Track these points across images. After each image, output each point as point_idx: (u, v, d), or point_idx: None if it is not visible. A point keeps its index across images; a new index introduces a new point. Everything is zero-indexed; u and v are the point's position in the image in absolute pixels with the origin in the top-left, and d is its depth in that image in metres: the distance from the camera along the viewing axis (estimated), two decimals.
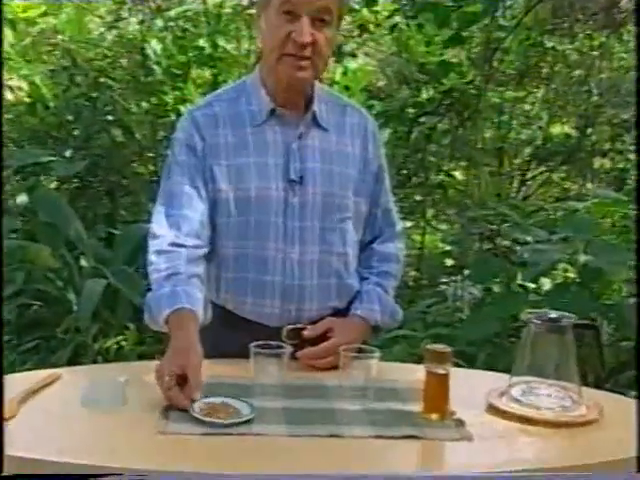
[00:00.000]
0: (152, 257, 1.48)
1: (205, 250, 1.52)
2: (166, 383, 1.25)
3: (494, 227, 3.76)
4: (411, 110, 4.64)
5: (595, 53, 4.52)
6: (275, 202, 1.53)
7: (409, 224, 4.85)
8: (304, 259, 1.53)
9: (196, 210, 1.53)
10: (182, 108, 4.36)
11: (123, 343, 3.35)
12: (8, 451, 1.06)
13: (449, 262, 4.91)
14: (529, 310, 1.34)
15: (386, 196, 1.68)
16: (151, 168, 4.59)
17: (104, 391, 1.28)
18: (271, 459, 1.11)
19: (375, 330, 1.61)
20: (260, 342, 1.33)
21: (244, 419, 1.20)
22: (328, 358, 1.46)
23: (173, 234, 1.49)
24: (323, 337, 1.51)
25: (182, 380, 1.27)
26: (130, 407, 1.26)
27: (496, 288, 3.65)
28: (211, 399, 1.27)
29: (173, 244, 1.48)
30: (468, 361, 2.79)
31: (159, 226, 1.51)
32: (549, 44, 4.32)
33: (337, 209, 1.56)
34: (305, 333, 1.50)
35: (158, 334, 1.51)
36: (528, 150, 5.07)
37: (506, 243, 3.82)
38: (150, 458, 1.09)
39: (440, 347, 1.26)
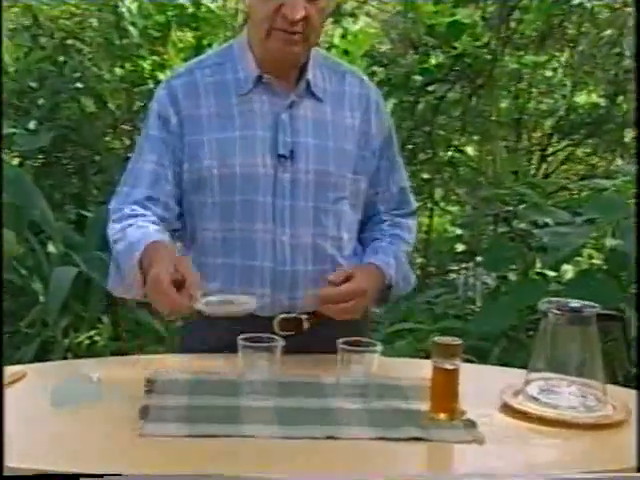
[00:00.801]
0: (110, 229, 1.52)
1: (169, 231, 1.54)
2: (164, 288, 1.28)
3: (510, 208, 3.76)
4: (418, 78, 4.64)
5: (628, 10, 4.47)
6: (263, 180, 1.53)
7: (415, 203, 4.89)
8: (296, 243, 1.54)
9: (161, 192, 1.54)
10: (161, 75, 4.34)
11: (96, 338, 3.37)
12: None
13: (460, 247, 4.92)
14: (548, 299, 1.35)
15: (399, 172, 1.70)
16: (127, 142, 4.58)
17: (76, 390, 1.29)
18: (261, 463, 1.13)
19: (383, 298, 1.63)
20: (249, 335, 1.34)
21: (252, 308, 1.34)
22: (349, 302, 1.48)
23: (133, 214, 1.52)
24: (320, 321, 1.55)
25: (177, 286, 1.30)
26: (104, 407, 1.28)
27: (512, 276, 3.66)
28: (210, 298, 1.33)
29: (131, 216, 1.51)
30: (480, 357, 2.82)
31: (118, 208, 1.54)
32: (575, 0, 4.28)
33: (332, 188, 1.57)
34: (330, 278, 1.50)
35: (135, 329, 1.52)
36: (549, 122, 5.06)
37: (523, 226, 3.83)
38: (128, 463, 1.10)
39: (449, 340, 1.28)
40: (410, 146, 4.88)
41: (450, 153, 5.11)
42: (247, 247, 1.54)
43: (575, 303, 1.33)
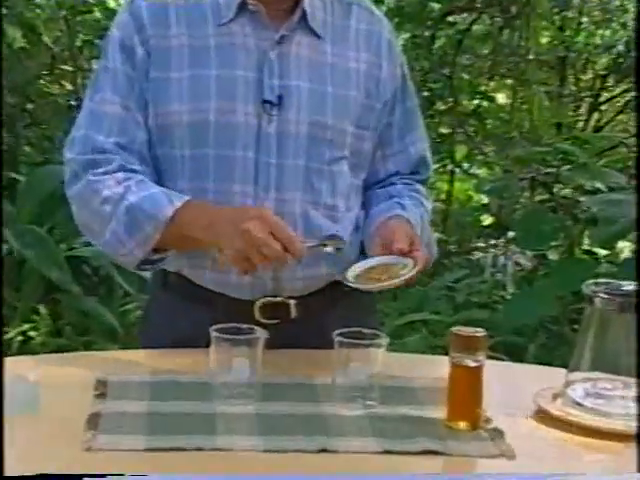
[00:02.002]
0: (85, 184, 1.54)
1: None
2: (273, 250, 1.39)
3: (551, 170, 3.78)
4: (435, 6, 4.62)
5: None
6: (243, 131, 1.54)
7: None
8: (282, 210, 1.56)
9: (132, 139, 1.56)
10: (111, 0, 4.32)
11: (31, 334, 3.39)
12: None
13: (487, 220, 4.95)
14: (594, 281, 1.37)
15: (417, 129, 1.72)
16: (68, 87, 4.58)
17: (11, 395, 1.31)
18: None
19: None
20: (224, 324, 1.36)
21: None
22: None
23: (102, 169, 1.54)
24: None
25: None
26: (44, 415, 1.29)
27: (553, 255, 3.70)
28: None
29: (123, 168, 1.54)
30: (513, 355, 2.86)
31: (89, 160, 1.55)
32: None
33: (328, 144, 1.59)
34: (397, 247, 1.51)
35: (81, 323, 1.55)
36: (603, 60, 5.06)
37: (567, 192, 3.86)
38: None
39: (471, 331, 1.30)
40: (425, 93, 4.89)
41: (476, 102, 5.12)
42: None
43: (628, 285, 1.35)
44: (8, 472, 1.12)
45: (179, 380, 1.44)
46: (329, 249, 1.53)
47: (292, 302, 1.59)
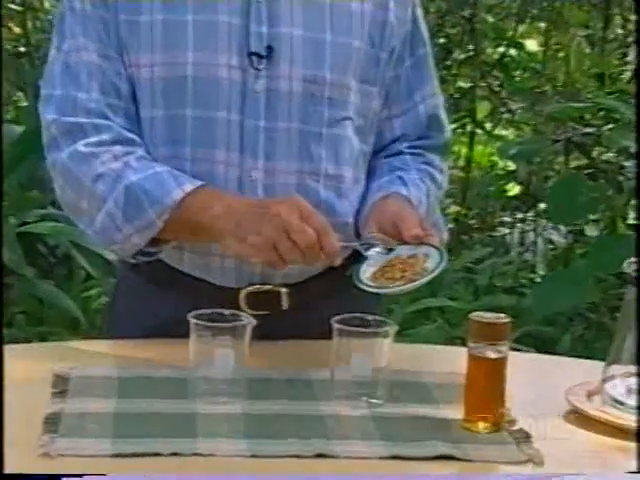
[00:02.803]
0: (74, 153, 1.54)
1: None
2: (307, 238, 1.41)
3: (590, 130, 3.79)
4: None
5: None
6: (226, 88, 1.55)
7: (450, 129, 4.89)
8: (273, 182, 1.57)
9: (118, 96, 1.57)
10: None
11: None
12: None
13: (513, 190, 4.94)
14: (636, 259, 1.37)
15: (429, 83, 1.73)
16: (16, 30, 4.56)
17: None
18: None
19: None
20: (205, 311, 1.38)
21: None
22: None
23: (95, 139, 1.54)
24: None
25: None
26: None
27: (591, 230, 3.70)
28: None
29: (95, 144, 1.54)
30: (543, 348, 2.87)
31: (57, 117, 1.55)
32: None
33: (329, 103, 1.59)
34: (412, 234, 1.51)
35: (36, 311, 1.56)
36: None
37: (610, 156, 3.86)
38: None
39: (493, 317, 1.31)
40: (441, 40, 4.88)
41: (501, 49, 5.10)
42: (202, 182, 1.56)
43: None
44: None
45: (152, 375, 1.46)
46: (373, 252, 1.51)
47: (284, 290, 1.61)
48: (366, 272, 1.49)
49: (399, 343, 1.43)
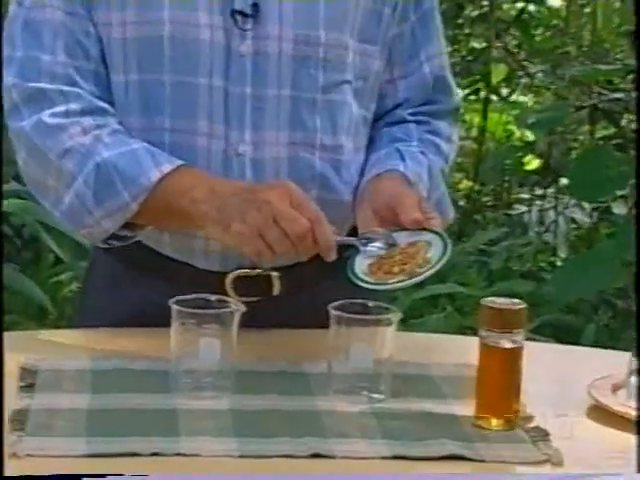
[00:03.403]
0: (35, 124, 1.54)
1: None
2: (298, 226, 1.41)
3: (619, 96, 3.79)
4: None
5: None
6: (208, 50, 1.55)
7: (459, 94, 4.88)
8: (262, 156, 1.58)
9: (86, 58, 1.56)
10: None
11: None
12: None
13: (532, 163, 4.93)
14: None
15: (435, 42, 1.73)
16: None
17: None
18: None
19: None
20: (188, 296, 1.39)
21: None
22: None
23: (62, 108, 1.54)
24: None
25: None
26: None
27: (618, 208, 3.70)
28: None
29: (62, 115, 1.54)
30: (566, 338, 2.88)
31: (18, 81, 1.55)
32: None
33: (323, 66, 1.59)
34: (410, 218, 1.49)
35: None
36: None
37: None
38: None
39: (507, 302, 1.32)
40: None
41: (519, 5, 5.09)
42: (183, 161, 1.56)
43: None
44: None
45: (129, 367, 1.47)
46: (372, 248, 1.50)
47: (275, 274, 1.61)
48: (362, 265, 1.49)
49: (404, 332, 1.44)
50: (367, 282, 1.46)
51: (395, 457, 1.25)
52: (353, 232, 1.60)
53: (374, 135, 1.72)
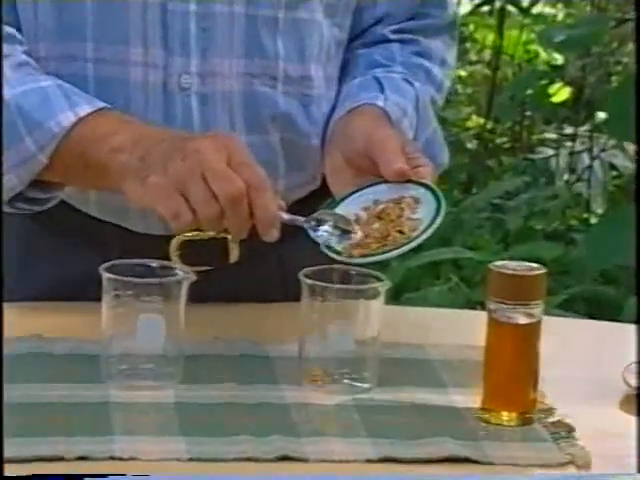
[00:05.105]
0: None
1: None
2: (229, 189, 1.38)
3: None
4: None
5: None
6: None
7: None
8: (213, 90, 1.60)
9: None
10: None
11: None
12: None
13: (560, 93, 4.87)
14: None
15: None
16: None
17: None
18: None
19: None
20: (122, 261, 1.41)
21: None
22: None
23: None
24: None
25: None
26: None
27: None
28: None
29: None
30: (601, 312, 2.88)
31: None
32: None
33: None
34: (393, 169, 1.49)
35: None
36: None
37: None
38: None
39: (522, 267, 1.33)
40: None
41: None
42: (112, 98, 1.57)
43: None
44: None
45: (49, 351, 1.48)
46: (323, 232, 1.49)
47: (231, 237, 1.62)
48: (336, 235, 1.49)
49: (395, 306, 1.45)
50: (340, 254, 1.46)
51: (382, 460, 1.25)
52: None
53: (348, 59, 1.74)
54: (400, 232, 1.44)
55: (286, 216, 1.46)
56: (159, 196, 1.42)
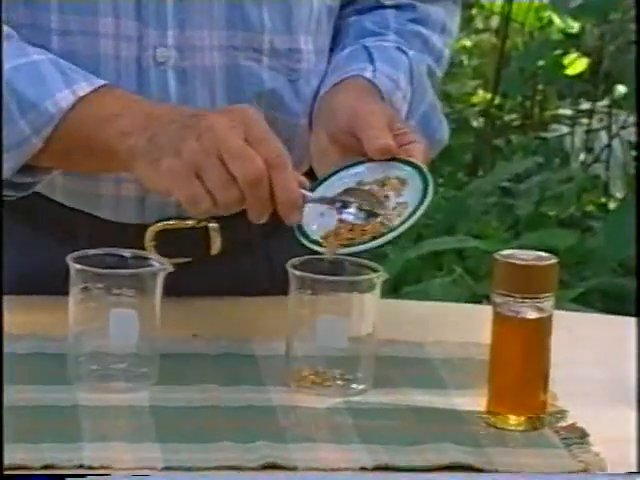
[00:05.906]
0: None
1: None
2: (249, 170, 1.38)
3: None
4: None
5: None
6: None
7: None
8: (192, 65, 1.61)
9: None
10: None
11: None
12: None
13: (576, 64, 4.85)
14: None
15: None
16: None
17: None
18: None
19: None
20: (94, 250, 1.42)
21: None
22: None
23: None
24: None
25: None
26: None
27: None
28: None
29: None
30: (620, 306, 2.89)
31: None
32: None
33: None
34: (377, 145, 1.50)
35: None
36: None
37: None
38: None
39: (530, 256, 1.35)
40: None
41: None
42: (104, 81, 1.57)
43: None
44: None
45: (11, 350, 1.47)
46: (349, 215, 1.49)
47: (214, 226, 1.64)
48: (315, 221, 1.49)
49: (393, 300, 1.46)
50: (319, 244, 1.47)
51: (378, 468, 1.26)
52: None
53: (339, 27, 1.75)
54: (389, 219, 1.45)
55: (310, 195, 1.47)
56: (175, 181, 1.42)
